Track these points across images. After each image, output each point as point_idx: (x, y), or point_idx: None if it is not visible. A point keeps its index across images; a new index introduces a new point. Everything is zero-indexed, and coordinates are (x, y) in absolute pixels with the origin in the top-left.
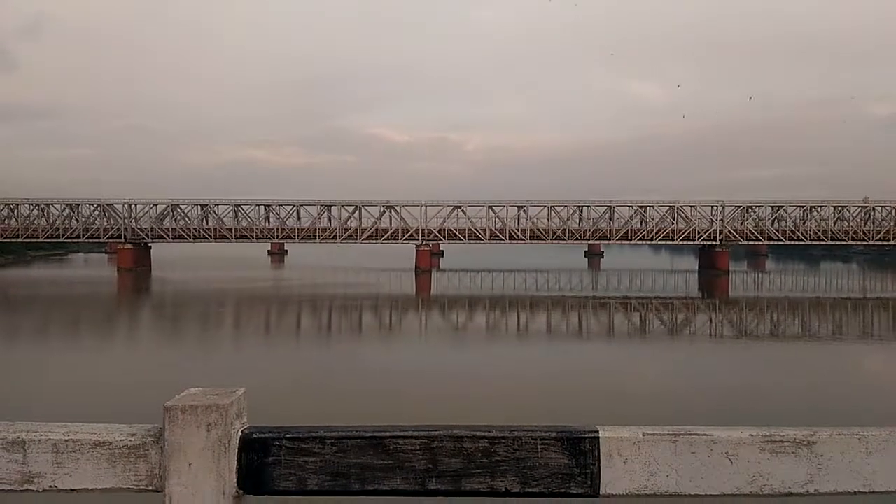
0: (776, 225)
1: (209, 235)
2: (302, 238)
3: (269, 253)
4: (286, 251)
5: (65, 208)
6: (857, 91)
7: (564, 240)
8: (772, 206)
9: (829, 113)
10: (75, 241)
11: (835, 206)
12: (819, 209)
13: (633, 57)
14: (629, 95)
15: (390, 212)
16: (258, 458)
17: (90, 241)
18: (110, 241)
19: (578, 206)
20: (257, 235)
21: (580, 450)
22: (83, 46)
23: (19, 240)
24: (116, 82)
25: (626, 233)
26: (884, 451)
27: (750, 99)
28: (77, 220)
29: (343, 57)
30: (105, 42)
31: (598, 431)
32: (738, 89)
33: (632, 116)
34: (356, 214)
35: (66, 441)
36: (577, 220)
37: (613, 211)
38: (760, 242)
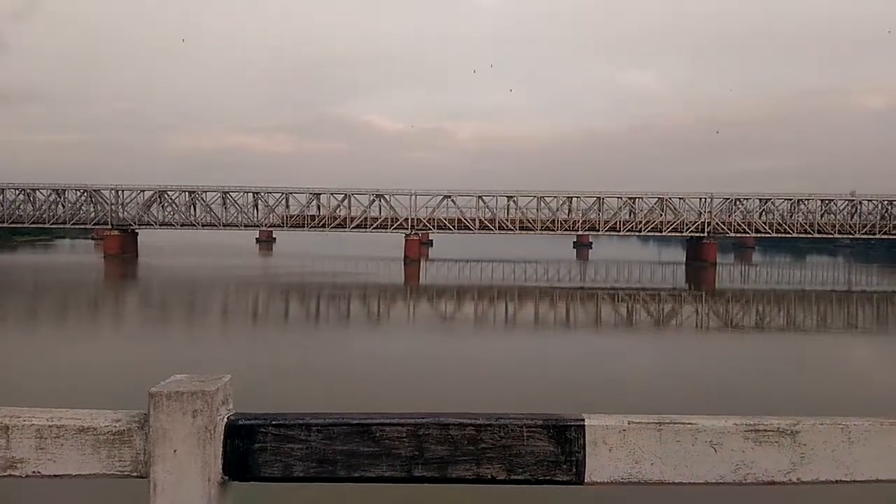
0: (763, 218)
1: (197, 223)
2: (291, 226)
3: (258, 241)
4: (274, 239)
5: (51, 194)
6: (849, 83)
7: (553, 230)
8: (759, 199)
9: (821, 104)
10: (61, 227)
11: (822, 200)
12: (806, 202)
13: (628, 46)
14: (624, 85)
15: (380, 200)
16: (244, 445)
17: (77, 227)
18: (97, 227)
19: (568, 197)
20: (245, 223)
21: (566, 437)
22: (74, 31)
23: (5, 225)
24: (107, 67)
25: (615, 224)
26: (866, 441)
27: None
28: (63, 206)
29: (337, 43)
30: (96, 26)
31: (583, 419)
32: (734, 80)
33: (627, 106)
34: (345, 203)
35: (50, 427)
36: (567, 211)
37: (602, 202)
38: (748, 235)
